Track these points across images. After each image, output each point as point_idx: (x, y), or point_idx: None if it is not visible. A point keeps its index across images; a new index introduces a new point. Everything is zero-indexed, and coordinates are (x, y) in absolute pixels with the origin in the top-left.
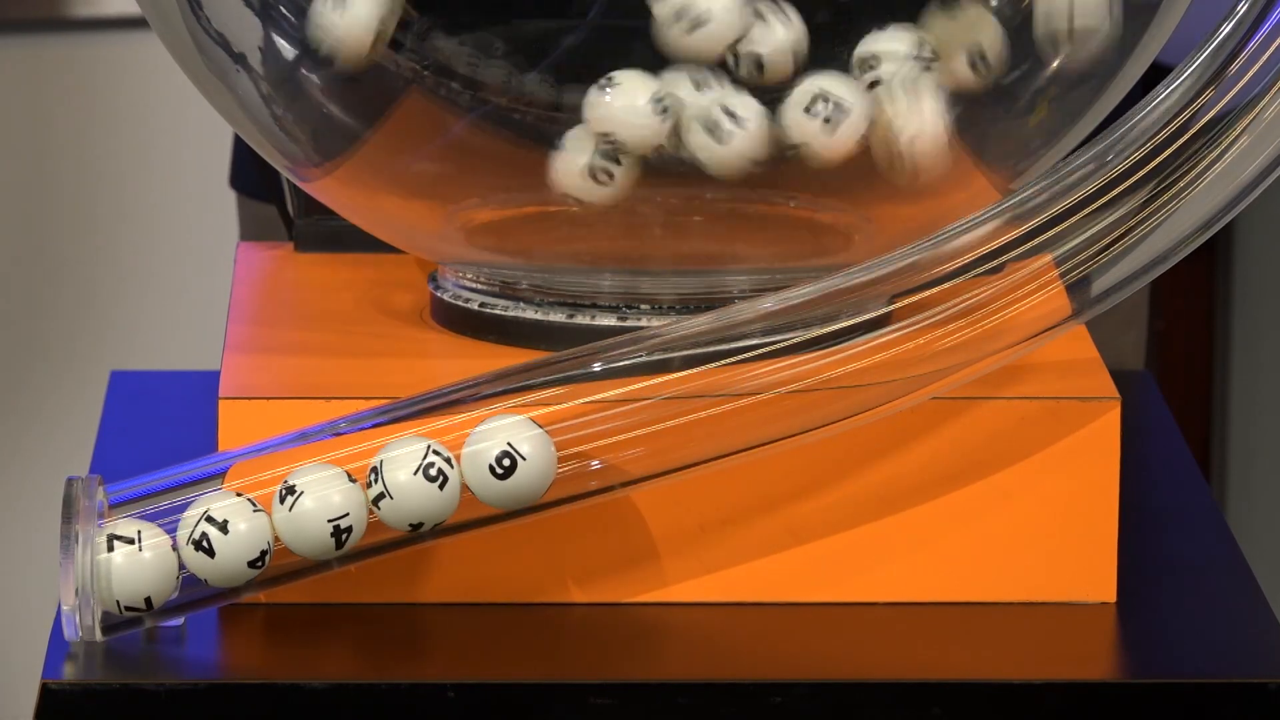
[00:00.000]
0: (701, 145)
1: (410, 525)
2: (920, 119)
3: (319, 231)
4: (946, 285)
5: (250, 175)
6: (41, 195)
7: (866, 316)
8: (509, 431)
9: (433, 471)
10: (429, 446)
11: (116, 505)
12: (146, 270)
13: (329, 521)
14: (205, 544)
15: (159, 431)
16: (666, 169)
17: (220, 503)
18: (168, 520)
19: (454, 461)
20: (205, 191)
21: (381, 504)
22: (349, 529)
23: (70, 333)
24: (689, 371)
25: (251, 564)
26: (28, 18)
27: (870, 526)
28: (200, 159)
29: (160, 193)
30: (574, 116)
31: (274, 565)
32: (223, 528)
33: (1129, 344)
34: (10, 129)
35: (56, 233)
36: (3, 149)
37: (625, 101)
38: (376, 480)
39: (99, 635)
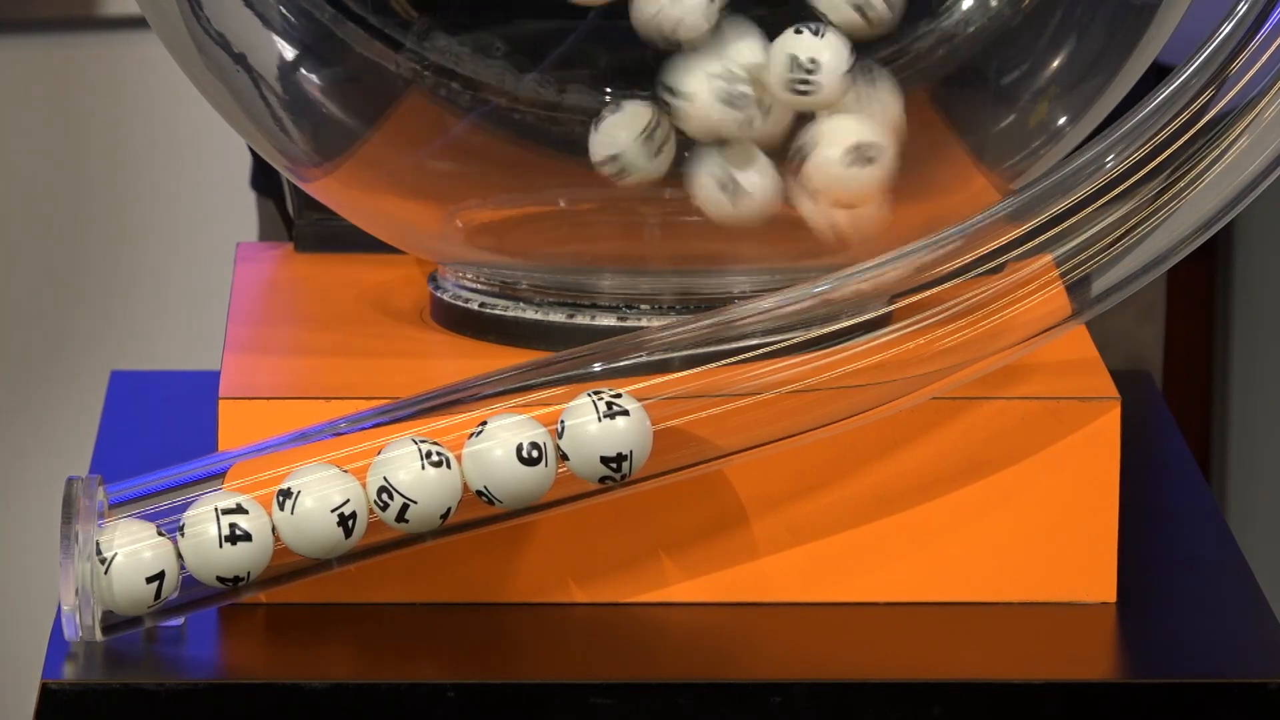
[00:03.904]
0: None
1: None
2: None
3: (319, 231)
4: (946, 285)
5: (271, 177)
6: (42, 195)
7: (866, 316)
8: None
9: (434, 458)
10: (423, 446)
11: (116, 505)
12: (147, 270)
13: (333, 511)
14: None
15: (159, 431)
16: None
17: (225, 501)
18: (168, 520)
19: (453, 462)
20: (210, 192)
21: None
22: (354, 514)
23: (71, 333)
24: (689, 371)
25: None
26: (57, 16)
27: (870, 526)
28: (204, 159)
29: (162, 193)
30: (573, 116)
31: (274, 565)
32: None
33: (1148, 336)
34: (13, 128)
35: (58, 232)
36: (10, 148)
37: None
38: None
39: (99, 635)
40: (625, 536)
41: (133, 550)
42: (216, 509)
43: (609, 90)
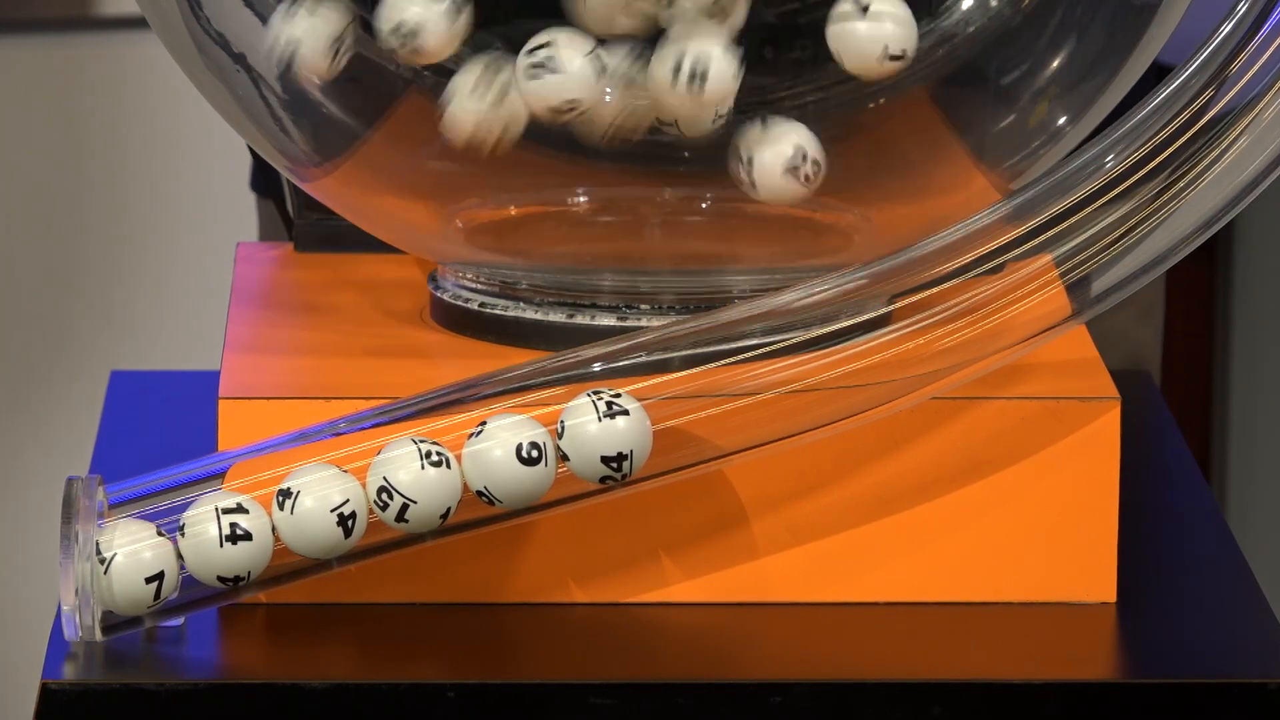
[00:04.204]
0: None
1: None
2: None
3: (319, 231)
4: (946, 285)
5: (271, 177)
6: (43, 195)
7: (866, 316)
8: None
9: (434, 458)
10: (417, 446)
11: (116, 505)
12: (148, 270)
13: (333, 511)
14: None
15: (159, 431)
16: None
17: (225, 500)
18: (168, 520)
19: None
20: (210, 192)
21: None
22: (353, 514)
23: (71, 333)
24: (689, 371)
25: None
26: (58, 16)
27: (870, 526)
28: (204, 159)
29: (163, 193)
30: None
31: (274, 565)
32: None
33: (1148, 336)
34: (16, 128)
35: (58, 232)
36: (8, 148)
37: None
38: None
39: (99, 635)
40: (625, 536)
41: (132, 550)
42: (217, 508)
43: (608, 90)
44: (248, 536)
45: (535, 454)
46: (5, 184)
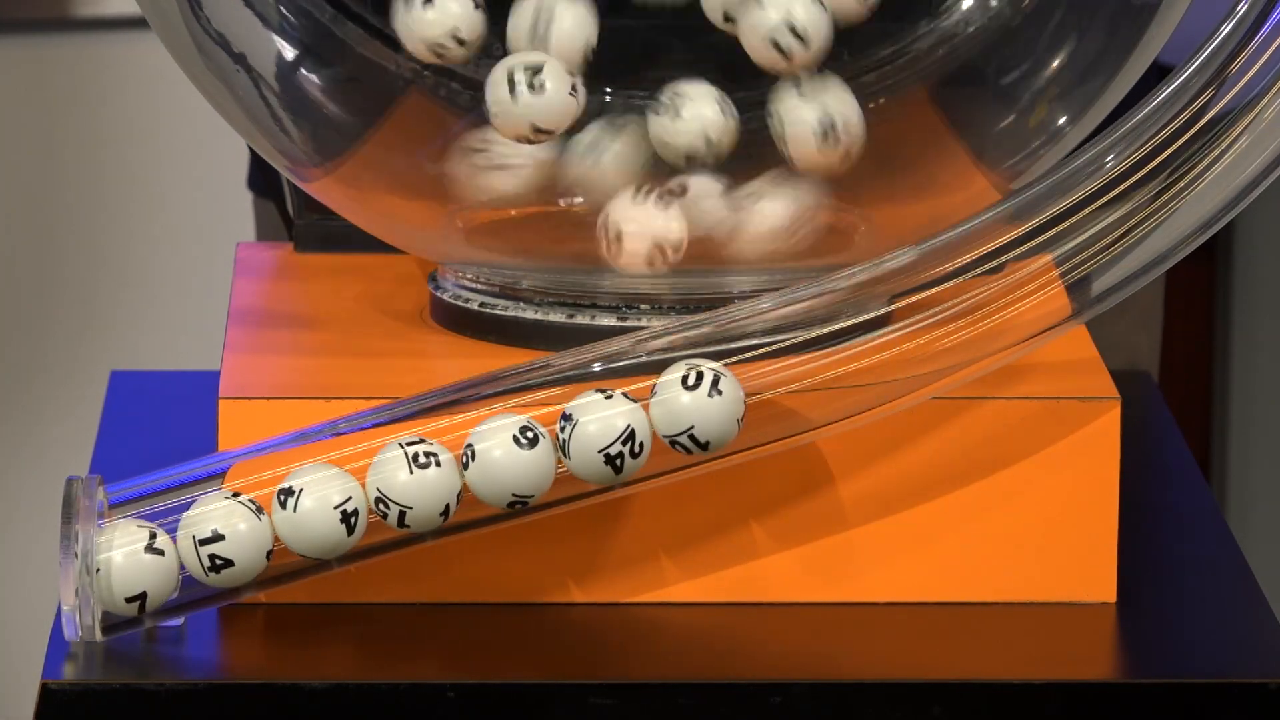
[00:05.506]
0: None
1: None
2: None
3: (319, 231)
4: (946, 285)
5: (270, 176)
6: (43, 195)
7: (866, 316)
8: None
9: (421, 460)
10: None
11: (116, 505)
12: (147, 270)
13: (335, 509)
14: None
15: (159, 431)
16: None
17: (215, 505)
18: (168, 520)
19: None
20: (207, 192)
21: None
22: (355, 511)
23: (70, 333)
24: None
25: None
26: (32, 18)
27: (870, 526)
28: (202, 159)
29: (161, 193)
30: None
31: (274, 565)
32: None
33: (1143, 345)
34: (13, 129)
35: (57, 232)
36: (6, 148)
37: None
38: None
39: (99, 635)
40: (625, 536)
41: (132, 550)
42: (195, 537)
43: (609, 90)
44: (230, 563)
45: (531, 435)
46: (6, 185)
